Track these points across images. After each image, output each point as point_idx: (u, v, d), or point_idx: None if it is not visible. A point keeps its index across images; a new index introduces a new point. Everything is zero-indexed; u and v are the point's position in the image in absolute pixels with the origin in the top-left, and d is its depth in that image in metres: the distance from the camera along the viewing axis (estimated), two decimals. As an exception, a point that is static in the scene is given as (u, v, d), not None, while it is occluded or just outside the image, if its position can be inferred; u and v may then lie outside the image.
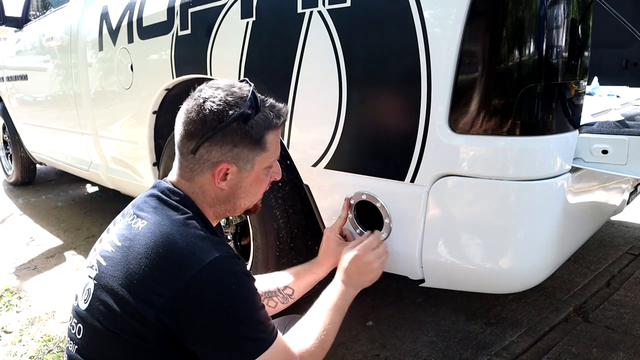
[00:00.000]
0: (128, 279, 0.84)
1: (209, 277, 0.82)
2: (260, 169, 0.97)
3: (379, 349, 1.61)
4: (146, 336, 0.83)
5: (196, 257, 0.83)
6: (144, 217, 0.89)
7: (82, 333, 0.90)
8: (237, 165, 0.93)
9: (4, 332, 1.85)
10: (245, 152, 0.93)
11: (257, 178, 0.97)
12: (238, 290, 0.85)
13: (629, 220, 2.67)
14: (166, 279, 0.82)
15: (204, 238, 0.87)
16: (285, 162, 1.50)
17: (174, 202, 0.92)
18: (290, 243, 1.52)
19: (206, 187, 0.95)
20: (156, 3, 1.76)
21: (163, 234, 0.85)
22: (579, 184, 1.14)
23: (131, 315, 0.83)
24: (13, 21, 3.23)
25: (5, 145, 4.20)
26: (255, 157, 0.94)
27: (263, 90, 0.97)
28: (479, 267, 1.15)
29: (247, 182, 0.97)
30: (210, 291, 0.82)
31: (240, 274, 0.87)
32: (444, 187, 1.11)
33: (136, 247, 0.85)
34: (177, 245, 0.84)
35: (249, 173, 0.95)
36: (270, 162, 0.98)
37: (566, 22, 1.03)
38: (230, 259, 0.86)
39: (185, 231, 0.86)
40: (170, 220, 0.88)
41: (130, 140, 2.14)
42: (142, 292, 0.82)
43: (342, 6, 1.17)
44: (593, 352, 1.54)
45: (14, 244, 2.82)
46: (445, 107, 1.06)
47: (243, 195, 0.98)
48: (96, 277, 0.89)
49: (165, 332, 0.83)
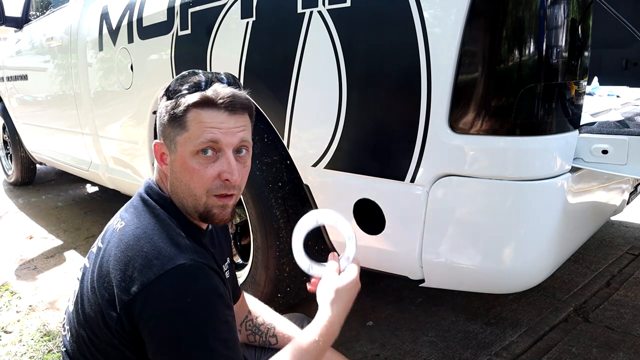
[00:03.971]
0: (99, 281, 0.82)
1: (164, 287, 0.76)
2: (185, 153, 0.84)
3: (379, 349, 1.61)
4: (113, 342, 0.81)
5: (158, 263, 0.77)
6: (123, 219, 0.87)
7: (69, 336, 0.90)
8: (165, 144, 0.87)
9: (4, 332, 1.85)
10: (168, 130, 0.86)
11: (184, 163, 0.84)
12: (195, 304, 0.76)
13: (629, 220, 2.67)
14: (126, 284, 0.78)
15: (172, 243, 0.80)
16: (285, 162, 1.51)
17: (152, 201, 0.88)
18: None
19: (161, 174, 0.90)
20: (156, 3, 1.76)
21: (134, 236, 0.82)
22: (579, 184, 1.14)
23: (102, 319, 0.81)
24: (13, 21, 3.23)
25: (5, 145, 4.20)
26: (176, 136, 0.85)
27: (263, 90, 0.97)
28: (479, 267, 1.15)
29: (176, 167, 0.86)
30: (161, 302, 0.76)
31: (202, 285, 0.78)
32: (444, 187, 1.11)
33: (111, 249, 0.83)
34: (143, 249, 0.79)
35: (175, 156, 0.86)
36: (194, 146, 0.83)
37: (566, 22, 1.03)
38: (196, 268, 0.78)
39: (156, 235, 0.82)
40: (144, 222, 0.84)
41: (130, 140, 2.14)
42: (108, 295, 0.80)
43: (342, 6, 1.17)
44: (593, 352, 1.54)
45: (14, 244, 2.82)
46: (445, 107, 1.06)
47: (178, 185, 0.87)
48: (81, 279, 0.89)
49: (129, 338, 0.80)
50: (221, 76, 0.88)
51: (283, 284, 1.58)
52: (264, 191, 1.49)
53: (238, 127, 0.86)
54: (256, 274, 1.59)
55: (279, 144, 1.44)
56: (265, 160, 1.50)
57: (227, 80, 0.88)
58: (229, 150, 0.85)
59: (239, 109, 0.86)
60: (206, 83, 0.85)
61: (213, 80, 0.86)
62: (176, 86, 0.86)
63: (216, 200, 0.86)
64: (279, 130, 1.40)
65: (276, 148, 1.51)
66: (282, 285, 1.58)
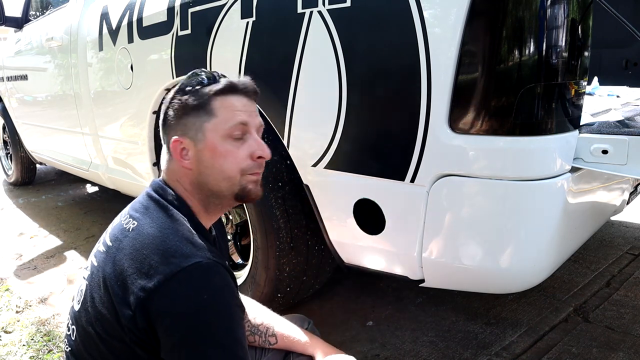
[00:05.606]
0: (112, 279, 0.82)
1: (181, 284, 0.78)
2: (216, 138, 0.87)
3: (379, 349, 1.61)
4: (124, 339, 0.81)
5: (175, 261, 0.79)
6: (135, 218, 0.88)
7: (75, 335, 0.90)
8: (188, 137, 0.89)
9: (4, 332, 1.85)
10: (192, 120, 0.88)
11: (215, 149, 0.88)
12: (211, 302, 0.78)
13: (629, 220, 2.67)
14: (143, 281, 0.79)
15: (188, 242, 0.83)
16: (285, 162, 1.50)
17: (164, 201, 0.90)
18: (290, 243, 1.52)
19: (178, 173, 0.92)
20: (156, 3, 1.76)
21: (150, 235, 0.83)
22: (579, 184, 1.14)
23: (114, 316, 0.82)
24: (13, 21, 3.23)
25: (5, 145, 4.20)
26: (204, 123, 0.87)
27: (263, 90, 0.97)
28: (479, 267, 1.15)
29: (206, 156, 0.89)
30: (179, 300, 0.77)
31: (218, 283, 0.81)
32: (444, 187, 1.11)
33: (124, 247, 0.84)
34: (159, 247, 0.81)
35: (204, 144, 0.88)
36: (226, 129, 0.87)
37: (566, 22, 1.03)
38: (212, 266, 0.81)
39: (171, 233, 0.83)
40: (157, 221, 0.86)
41: (130, 140, 2.14)
42: (122, 293, 0.80)
43: (342, 6, 1.17)
44: (593, 352, 1.54)
45: (14, 244, 2.82)
46: (445, 107, 1.06)
47: (210, 173, 0.89)
48: (88, 278, 0.89)
49: (141, 336, 0.80)
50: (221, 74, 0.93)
51: (283, 284, 1.58)
52: (264, 191, 1.48)
53: (255, 111, 0.93)
54: (256, 274, 1.59)
55: (279, 144, 1.44)
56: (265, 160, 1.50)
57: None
58: (254, 131, 0.92)
59: (253, 95, 0.93)
60: (217, 76, 0.91)
61: (221, 75, 0.92)
62: (190, 81, 0.90)
63: (251, 177, 0.92)
64: (279, 130, 1.40)
65: (276, 148, 1.51)
66: (282, 285, 1.58)
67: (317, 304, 1.85)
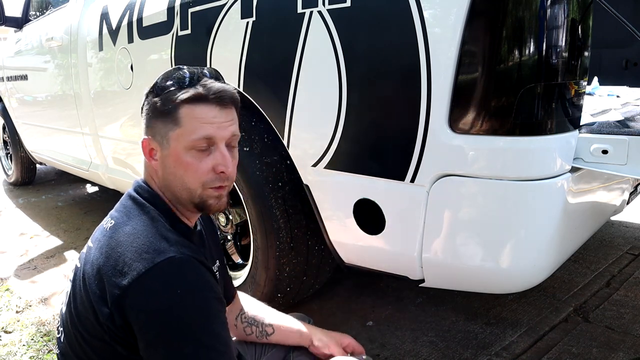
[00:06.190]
0: (90, 279, 0.83)
1: (154, 280, 0.77)
2: (179, 148, 0.85)
3: (379, 349, 1.61)
4: (104, 338, 0.81)
5: (147, 256, 0.78)
6: (113, 217, 0.88)
7: (63, 337, 0.91)
8: (155, 140, 0.88)
9: (4, 332, 1.85)
10: (159, 126, 0.87)
11: (178, 158, 0.86)
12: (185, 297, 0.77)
13: (629, 220, 2.67)
14: (118, 279, 0.78)
15: (162, 238, 0.82)
16: (285, 162, 1.51)
17: (141, 199, 0.89)
18: (290, 243, 1.52)
19: (150, 171, 0.91)
20: (156, 3, 1.76)
21: (124, 233, 0.83)
22: (579, 184, 1.14)
23: (93, 315, 0.81)
24: (13, 21, 3.23)
25: (5, 145, 4.20)
26: (169, 132, 0.85)
27: (263, 90, 0.97)
28: (479, 267, 1.15)
29: (170, 163, 0.87)
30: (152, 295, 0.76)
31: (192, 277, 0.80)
32: (444, 187, 1.11)
33: (102, 247, 0.84)
34: (133, 244, 0.80)
35: (168, 152, 0.87)
36: (189, 140, 0.84)
37: (566, 22, 1.03)
38: (185, 261, 0.80)
39: (146, 230, 0.83)
40: (133, 219, 0.86)
41: (130, 140, 2.14)
42: (100, 292, 0.80)
43: (342, 6, 1.17)
44: (593, 352, 1.54)
45: (14, 244, 2.82)
46: (445, 107, 1.06)
47: (172, 179, 0.88)
48: (72, 280, 0.90)
49: (120, 334, 0.80)
50: (205, 71, 0.89)
51: (283, 283, 1.58)
52: (264, 191, 1.49)
53: (228, 121, 0.87)
54: (256, 274, 1.59)
55: (279, 144, 1.44)
56: (265, 160, 1.51)
57: (211, 75, 0.89)
58: (221, 143, 0.87)
59: (228, 103, 0.87)
60: (193, 78, 0.87)
61: (199, 75, 0.88)
62: (163, 83, 0.88)
63: (212, 192, 0.88)
64: (279, 130, 1.40)
65: (276, 148, 1.51)
66: (282, 285, 1.58)
67: (317, 304, 1.85)
